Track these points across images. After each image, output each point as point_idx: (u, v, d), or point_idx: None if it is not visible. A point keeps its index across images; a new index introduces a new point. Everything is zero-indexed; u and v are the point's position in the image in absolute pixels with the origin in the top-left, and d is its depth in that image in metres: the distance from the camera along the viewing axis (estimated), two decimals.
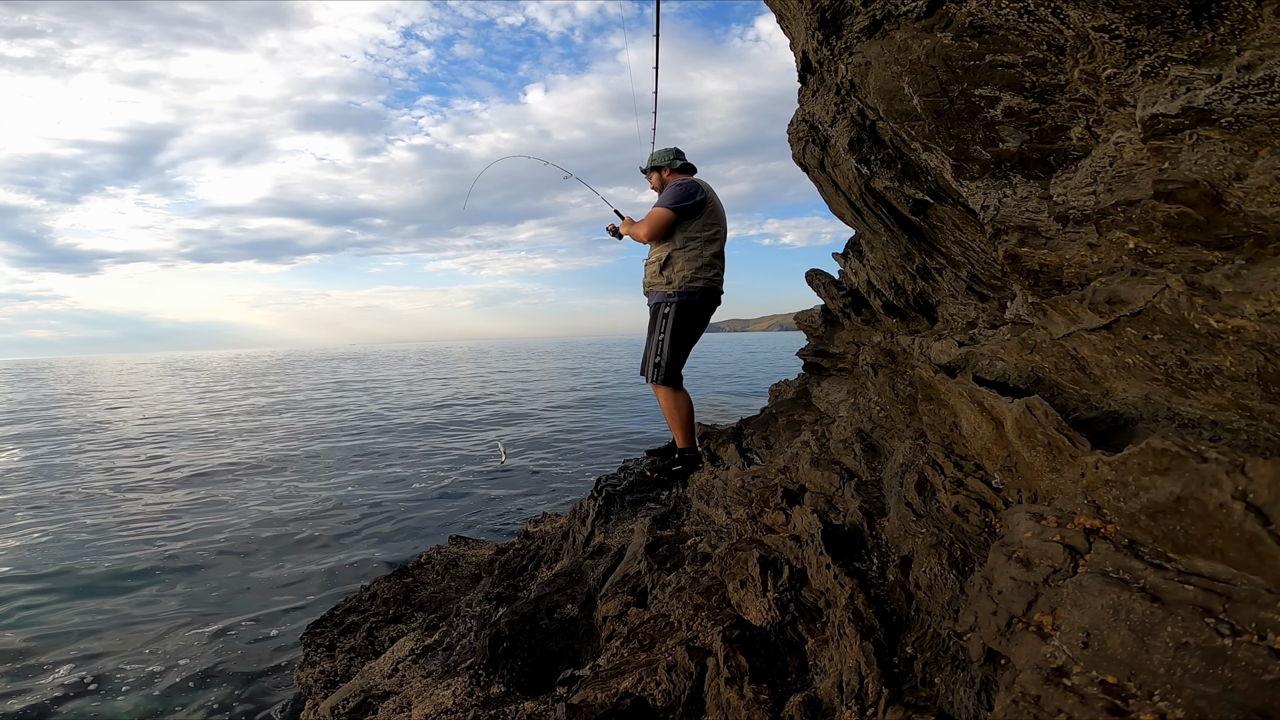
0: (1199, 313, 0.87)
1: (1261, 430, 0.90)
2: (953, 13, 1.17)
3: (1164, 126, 0.83)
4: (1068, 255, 1.16)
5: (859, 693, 1.00)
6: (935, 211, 1.77)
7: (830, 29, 1.64)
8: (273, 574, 4.31)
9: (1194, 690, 0.62)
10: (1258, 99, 0.73)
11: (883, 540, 1.39)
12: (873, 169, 1.81)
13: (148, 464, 8.33)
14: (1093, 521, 0.88)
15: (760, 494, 1.92)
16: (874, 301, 2.75)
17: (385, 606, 2.72)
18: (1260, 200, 0.78)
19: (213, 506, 6.09)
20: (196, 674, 3.00)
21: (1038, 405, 1.07)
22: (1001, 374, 1.47)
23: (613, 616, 1.81)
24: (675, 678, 1.28)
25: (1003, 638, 0.86)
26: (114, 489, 6.90)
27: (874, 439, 1.91)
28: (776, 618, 1.30)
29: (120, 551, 4.82)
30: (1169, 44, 0.81)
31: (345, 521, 5.49)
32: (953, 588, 1.09)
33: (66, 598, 3.97)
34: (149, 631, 3.48)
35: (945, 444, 1.43)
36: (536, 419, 11.79)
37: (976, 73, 1.18)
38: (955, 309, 2.10)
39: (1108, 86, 0.94)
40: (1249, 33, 0.74)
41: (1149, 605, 0.71)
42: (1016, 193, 1.27)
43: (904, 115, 1.41)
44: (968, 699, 0.89)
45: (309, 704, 2.16)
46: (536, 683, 1.69)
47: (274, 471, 7.63)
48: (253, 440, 10.23)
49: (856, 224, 2.44)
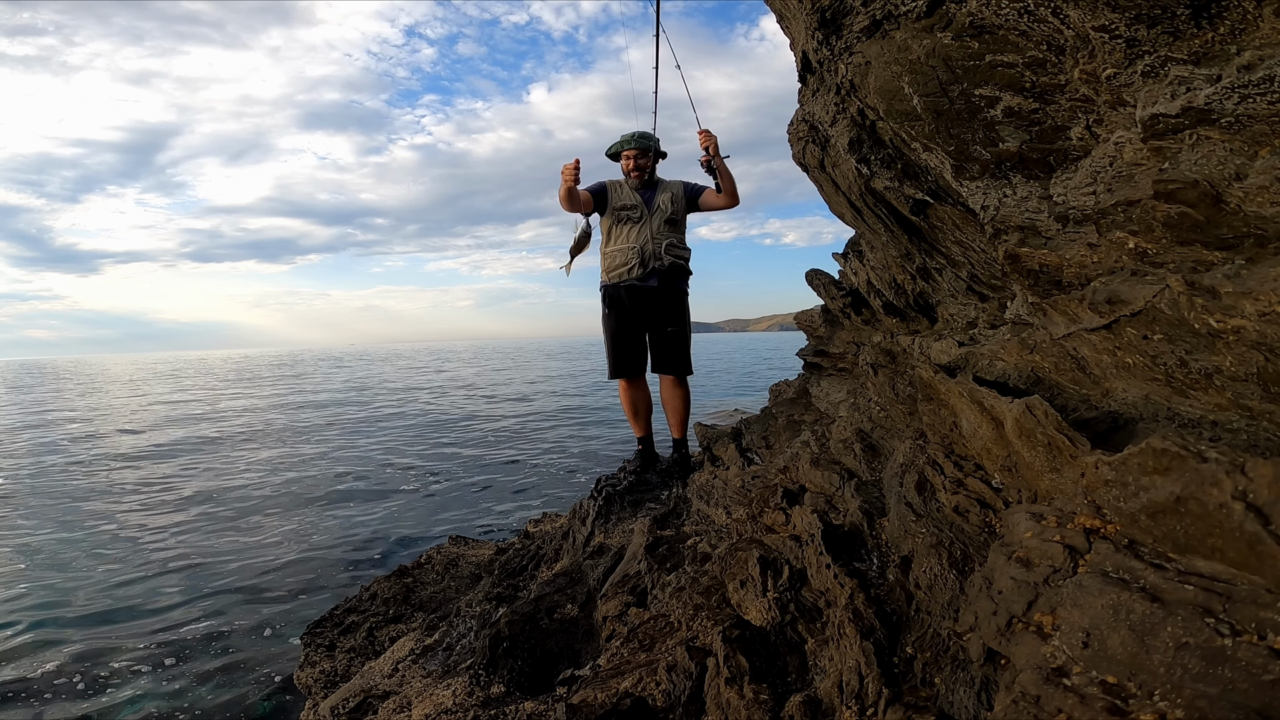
0: (1199, 313, 0.87)
1: (1261, 430, 0.90)
2: (953, 13, 1.17)
3: (1164, 126, 0.83)
4: (1068, 255, 1.16)
5: (859, 693, 1.00)
6: (935, 211, 1.77)
7: (830, 29, 1.64)
8: (273, 573, 4.31)
9: (1194, 690, 0.62)
10: (1258, 99, 0.73)
11: (883, 540, 1.39)
12: (873, 169, 1.81)
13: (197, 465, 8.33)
14: (1093, 521, 0.88)
15: (760, 494, 1.92)
16: (874, 301, 2.75)
17: (385, 606, 2.72)
18: (1260, 200, 0.78)
19: (215, 505, 6.10)
20: (196, 674, 3.00)
21: (1038, 405, 1.07)
22: (1001, 374, 1.47)
23: (613, 616, 1.81)
24: (675, 678, 1.28)
25: (1003, 638, 0.86)
26: (121, 491, 6.90)
27: (874, 439, 1.91)
28: (776, 618, 1.30)
29: (121, 551, 4.82)
30: (1169, 44, 0.81)
31: (344, 523, 5.49)
32: (953, 588, 1.09)
33: (65, 597, 3.97)
34: (148, 631, 3.48)
35: (945, 444, 1.43)
36: (546, 416, 11.79)
37: (976, 73, 1.18)
38: (955, 309, 2.10)
39: (1108, 86, 0.94)
40: (1249, 33, 0.74)
41: (1149, 605, 0.71)
42: (1016, 193, 1.27)
43: (904, 115, 1.41)
44: (968, 699, 0.89)
45: (309, 704, 2.16)
46: (536, 683, 1.69)
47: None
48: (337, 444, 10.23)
49: (856, 224, 2.44)
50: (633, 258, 3.02)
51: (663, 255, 3.04)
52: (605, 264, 3.11)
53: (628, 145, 3.11)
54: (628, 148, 3.11)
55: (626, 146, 3.12)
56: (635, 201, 3.07)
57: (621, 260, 3.04)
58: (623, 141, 3.14)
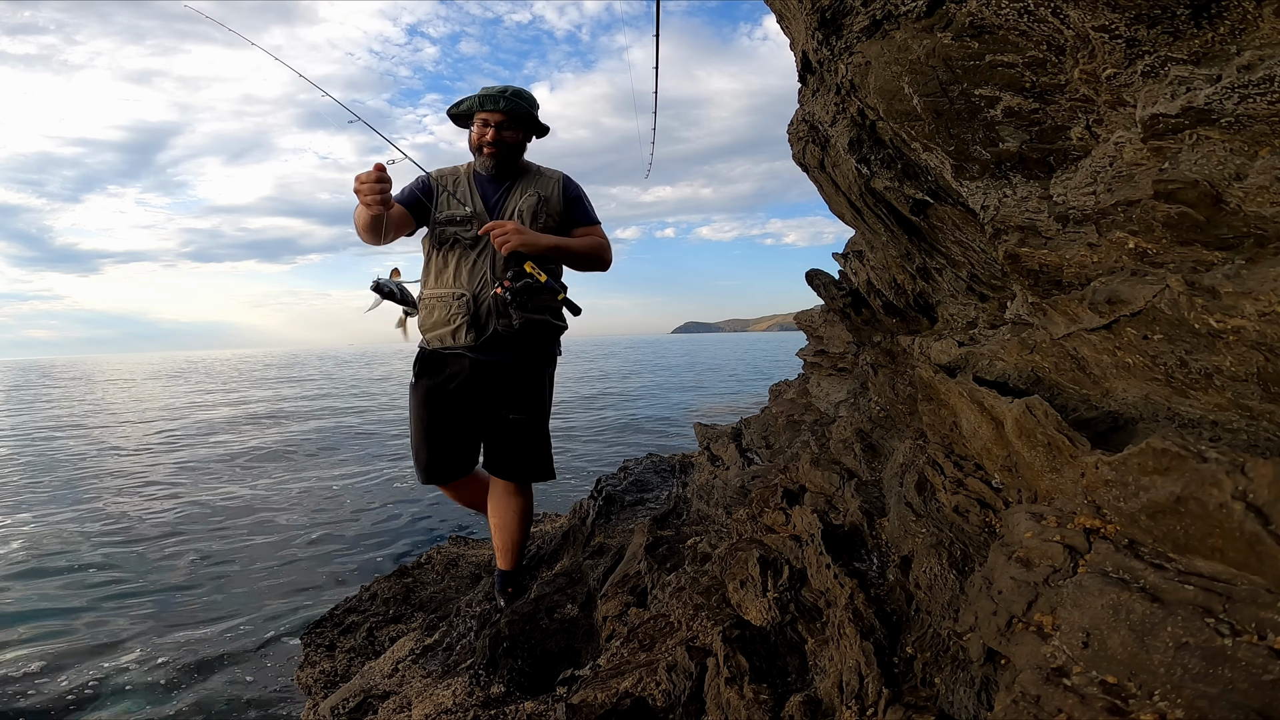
0: (1199, 313, 0.87)
1: (1261, 430, 0.90)
2: (953, 13, 1.17)
3: (1164, 126, 0.83)
4: (1068, 255, 1.16)
5: (859, 693, 1.00)
6: (935, 211, 1.77)
7: (830, 29, 1.64)
8: (273, 573, 4.31)
9: (1194, 690, 0.62)
10: (1258, 99, 0.73)
11: (883, 540, 1.39)
12: (873, 169, 1.81)
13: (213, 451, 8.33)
14: (1093, 521, 0.88)
15: (760, 494, 1.92)
16: (874, 301, 2.75)
17: (385, 606, 2.72)
18: (1260, 200, 0.78)
19: (214, 506, 6.10)
20: (195, 674, 3.00)
21: (1038, 405, 1.07)
22: (1001, 374, 1.47)
23: (613, 616, 1.81)
24: (675, 678, 1.28)
25: (1003, 638, 0.86)
26: (127, 491, 6.90)
27: (874, 439, 1.91)
28: (776, 618, 1.30)
29: (119, 552, 4.82)
30: (1169, 44, 0.81)
31: (344, 523, 5.49)
32: (953, 588, 1.09)
33: (64, 596, 3.97)
34: (148, 631, 3.48)
35: (945, 444, 1.43)
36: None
37: (976, 73, 1.18)
38: (955, 309, 2.10)
39: (1108, 86, 0.94)
40: (1249, 33, 0.74)
41: (1149, 605, 0.71)
42: (1016, 193, 1.27)
43: (904, 115, 1.41)
44: (968, 699, 0.89)
45: (309, 704, 2.16)
46: (536, 683, 1.69)
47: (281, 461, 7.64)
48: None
49: (856, 224, 2.44)
50: (458, 312, 1.87)
51: (510, 309, 1.84)
52: (422, 313, 1.94)
53: (487, 105, 1.85)
54: (486, 107, 1.86)
55: (485, 106, 1.86)
56: (472, 210, 1.88)
57: (443, 315, 1.89)
58: (480, 98, 1.87)
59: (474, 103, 1.89)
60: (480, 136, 1.90)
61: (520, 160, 1.99)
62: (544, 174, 2.03)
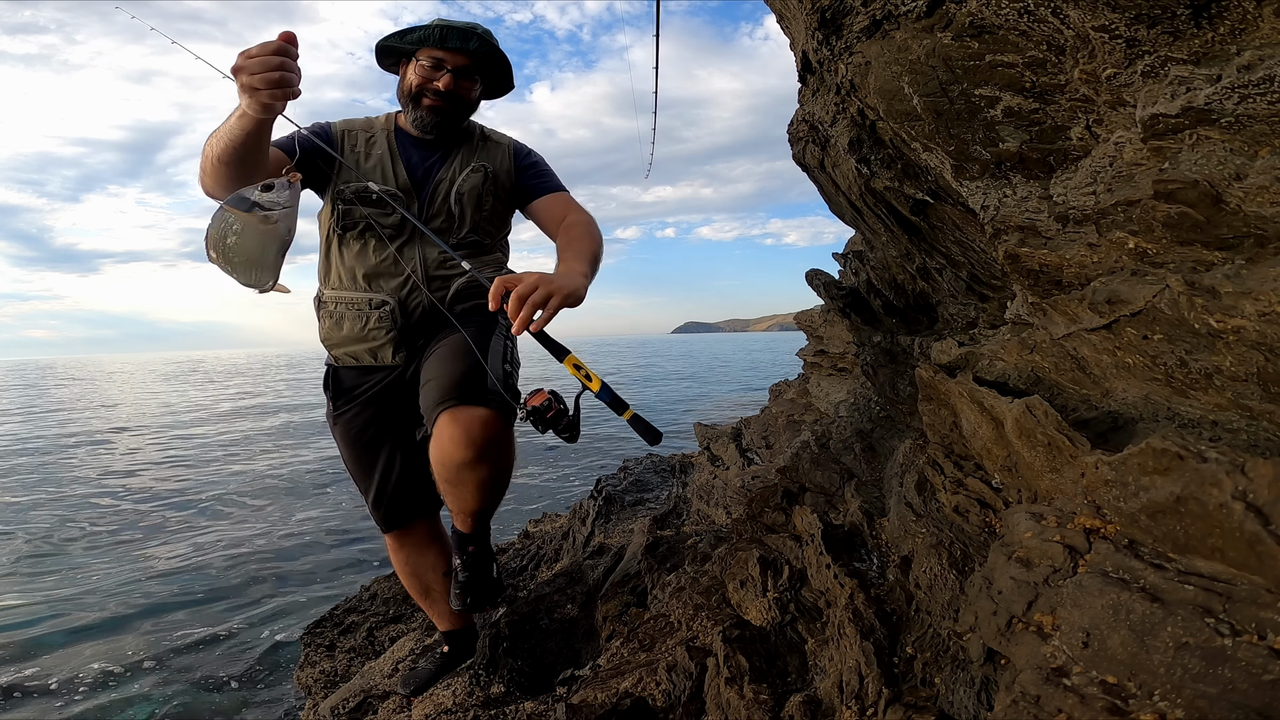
0: (1199, 313, 0.87)
1: (1261, 430, 0.90)
2: (953, 13, 1.17)
3: (1164, 126, 0.83)
4: (1068, 255, 1.16)
5: (859, 693, 1.00)
6: (935, 211, 1.77)
7: (830, 29, 1.64)
8: (273, 573, 4.31)
9: (1194, 690, 0.62)
10: (1258, 99, 0.73)
11: (883, 540, 1.39)
12: (873, 169, 1.81)
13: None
14: (1093, 521, 0.88)
15: (760, 494, 1.92)
16: (874, 302, 2.75)
17: (385, 606, 2.71)
18: (1260, 200, 0.78)
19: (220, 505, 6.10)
20: (195, 674, 3.00)
21: (1038, 405, 1.07)
22: (1001, 374, 1.46)
23: (613, 616, 1.81)
24: (675, 678, 1.28)
25: (1003, 638, 0.86)
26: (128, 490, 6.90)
27: (874, 439, 1.91)
28: (776, 618, 1.30)
29: (120, 551, 4.82)
30: (1169, 44, 0.81)
31: (344, 522, 5.48)
32: (953, 588, 1.09)
33: (63, 596, 3.96)
34: (147, 631, 3.48)
35: (945, 444, 1.43)
36: None
37: (976, 73, 1.18)
38: (955, 309, 2.10)
39: (1108, 86, 0.94)
40: (1249, 33, 0.74)
41: (1149, 605, 0.71)
42: (1016, 193, 1.27)
43: (904, 115, 1.41)
44: (968, 699, 0.89)
45: (309, 704, 2.16)
46: (536, 683, 1.69)
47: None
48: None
49: (856, 224, 2.44)
50: (379, 327, 1.47)
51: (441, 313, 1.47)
52: (325, 321, 1.52)
53: (451, 41, 1.39)
54: (450, 44, 1.39)
55: (449, 43, 1.39)
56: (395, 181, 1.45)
57: (356, 328, 1.48)
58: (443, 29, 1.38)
59: (430, 34, 1.38)
60: (425, 80, 1.41)
61: (464, 118, 1.52)
62: (491, 140, 1.57)
